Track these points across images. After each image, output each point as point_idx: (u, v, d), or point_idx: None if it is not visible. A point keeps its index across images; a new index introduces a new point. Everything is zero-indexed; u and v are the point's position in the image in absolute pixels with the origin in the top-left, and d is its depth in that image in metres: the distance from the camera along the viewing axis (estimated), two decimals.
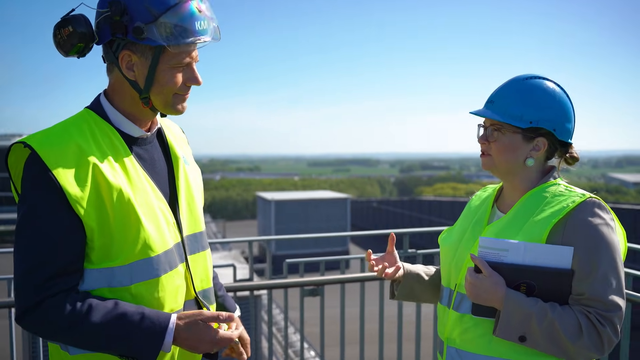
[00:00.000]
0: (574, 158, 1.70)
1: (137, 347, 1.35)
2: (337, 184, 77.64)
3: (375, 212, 28.09)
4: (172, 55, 1.42)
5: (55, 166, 1.33)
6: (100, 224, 1.35)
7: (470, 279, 1.55)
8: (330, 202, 17.75)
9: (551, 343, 1.50)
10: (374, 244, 19.33)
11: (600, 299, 1.49)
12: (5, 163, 1.40)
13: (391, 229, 13.45)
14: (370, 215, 28.31)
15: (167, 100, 1.47)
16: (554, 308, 1.50)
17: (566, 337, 1.47)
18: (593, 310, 1.49)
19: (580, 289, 1.51)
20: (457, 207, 20.12)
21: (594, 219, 1.53)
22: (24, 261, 1.33)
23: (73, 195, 1.32)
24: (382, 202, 28.78)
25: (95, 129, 1.45)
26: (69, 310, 1.31)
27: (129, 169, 1.44)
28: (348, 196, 19.08)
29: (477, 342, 1.63)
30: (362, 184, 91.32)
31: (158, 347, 1.36)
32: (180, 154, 1.64)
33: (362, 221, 27.95)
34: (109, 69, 1.48)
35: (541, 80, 1.66)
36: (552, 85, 1.66)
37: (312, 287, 3.25)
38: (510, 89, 1.66)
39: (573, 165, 1.72)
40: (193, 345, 1.41)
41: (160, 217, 1.46)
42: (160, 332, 1.36)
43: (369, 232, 3.88)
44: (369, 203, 29.70)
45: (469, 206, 1.92)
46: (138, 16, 1.37)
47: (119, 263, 1.37)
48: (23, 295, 1.32)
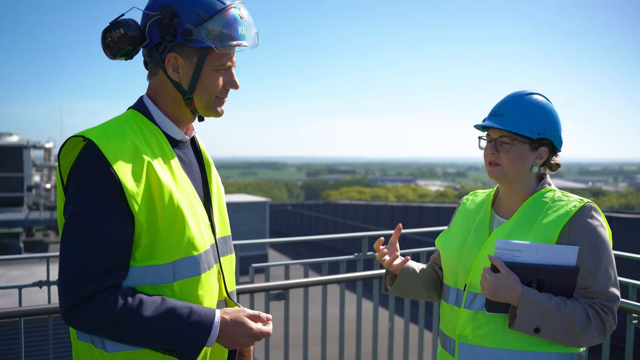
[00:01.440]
0: (557, 164, 1.90)
1: (183, 341, 1.37)
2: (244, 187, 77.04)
3: (290, 215, 28.22)
4: (216, 58, 1.48)
5: (114, 160, 1.34)
6: (149, 222, 1.37)
7: (490, 278, 1.69)
8: (249, 206, 17.55)
9: (564, 333, 1.68)
10: (291, 248, 19.50)
11: (603, 292, 1.69)
12: (58, 155, 1.41)
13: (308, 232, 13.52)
14: (285, 218, 28.39)
15: (209, 102, 1.52)
16: (565, 302, 1.67)
17: (578, 327, 1.65)
18: (597, 302, 1.68)
19: (585, 283, 1.70)
20: (370, 210, 20.67)
21: (593, 221, 1.73)
22: (78, 253, 1.32)
23: (130, 190, 1.34)
24: (297, 206, 28.96)
25: (144, 129, 1.48)
26: (121, 304, 1.31)
27: (175, 170, 1.48)
28: (267, 200, 19.01)
29: (490, 337, 1.78)
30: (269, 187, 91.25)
31: (204, 340, 1.38)
32: (211, 159, 1.70)
33: (278, 225, 28.00)
34: (153, 72, 1.52)
35: (539, 96, 1.85)
36: (546, 100, 1.85)
37: (279, 292, 3.27)
38: (518, 104, 1.82)
39: (555, 170, 1.91)
40: (234, 339, 1.44)
41: (200, 219, 1.51)
42: (208, 326, 1.39)
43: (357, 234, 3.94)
44: (284, 207, 29.79)
45: (464, 210, 2.05)
46: (187, 19, 1.43)
47: (162, 261, 1.39)
48: (74, 287, 1.31)
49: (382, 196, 63.92)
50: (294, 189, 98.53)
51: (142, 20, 1.48)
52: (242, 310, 1.48)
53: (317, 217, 24.88)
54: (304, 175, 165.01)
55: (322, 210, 24.98)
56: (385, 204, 21.94)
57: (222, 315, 1.43)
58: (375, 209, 20.44)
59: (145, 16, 1.47)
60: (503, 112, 1.82)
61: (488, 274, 1.70)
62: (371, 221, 19.99)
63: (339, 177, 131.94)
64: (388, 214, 19.16)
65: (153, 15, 1.44)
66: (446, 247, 2.00)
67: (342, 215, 22.58)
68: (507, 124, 1.79)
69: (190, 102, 1.50)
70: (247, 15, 1.51)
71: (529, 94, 1.85)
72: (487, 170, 1.87)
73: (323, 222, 24.07)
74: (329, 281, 3.38)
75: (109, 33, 1.45)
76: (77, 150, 1.37)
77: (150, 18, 1.45)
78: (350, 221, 21.36)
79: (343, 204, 23.83)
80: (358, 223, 20.56)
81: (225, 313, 1.44)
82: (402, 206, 19.11)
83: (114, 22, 1.46)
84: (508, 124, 1.79)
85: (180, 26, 1.42)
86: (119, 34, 1.43)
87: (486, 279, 1.70)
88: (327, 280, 3.36)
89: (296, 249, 18.71)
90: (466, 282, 1.86)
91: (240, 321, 1.44)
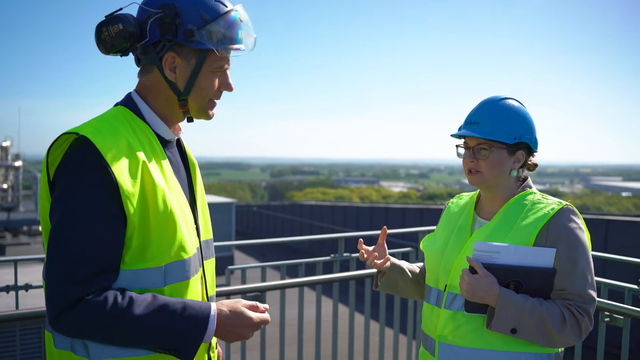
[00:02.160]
0: (535, 164, 1.93)
1: (179, 337, 1.32)
2: (208, 188, 76.18)
3: (255, 216, 28.05)
4: (214, 60, 1.46)
5: (110, 158, 1.30)
6: (142, 223, 1.33)
7: (468, 279, 1.71)
8: (215, 207, 17.26)
9: (539, 334, 1.71)
10: (257, 250, 19.38)
11: (580, 293, 1.72)
12: (47, 152, 1.34)
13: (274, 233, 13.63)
14: (251, 220, 28.21)
15: (203, 105, 1.50)
16: (541, 303, 1.70)
17: (553, 328, 1.69)
18: (573, 303, 1.72)
19: (562, 284, 1.73)
20: (337, 211, 20.72)
21: (571, 224, 1.76)
22: (68, 254, 1.26)
23: (126, 190, 1.30)
24: (263, 207, 28.81)
25: (135, 127, 1.44)
26: (110, 304, 1.26)
27: (166, 171, 1.45)
28: (233, 201, 18.82)
29: (469, 337, 1.80)
30: (233, 188, 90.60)
31: (201, 335, 1.34)
32: (195, 160, 1.67)
33: (244, 226, 27.80)
34: (146, 70, 1.48)
35: (512, 101, 1.88)
36: (519, 104, 1.88)
37: (256, 294, 3.24)
38: (492, 110, 1.85)
39: (533, 170, 1.95)
40: (234, 332, 1.40)
41: (188, 221, 1.48)
42: (204, 320, 1.34)
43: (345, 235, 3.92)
44: (249, 208, 29.59)
45: (448, 213, 2.08)
46: (189, 20, 1.40)
47: (153, 264, 1.35)
48: (63, 291, 1.25)
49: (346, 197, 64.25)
50: (258, 190, 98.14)
51: (139, 16, 1.43)
52: (238, 301, 1.44)
53: (282, 218, 24.82)
54: (268, 176, 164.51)
55: (288, 211, 24.93)
56: (352, 205, 22.06)
57: (219, 307, 1.39)
58: (342, 210, 20.52)
59: (144, 12, 1.42)
60: (478, 119, 1.84)
61: (466, 275, 1.72)
62: (338, 222, 20.07)
63: (303, 178, 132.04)
64: (354, 215, 19.28)
65: (154, 13, 1.40)
66: (429, 249, 2.03)
67: (308, 216, 22.59)
68: (484, 132, 1.81)
69: (184, 104, 1.48)
70: (248, 19, 1.50)
71: (502, 99, 1.87)
72: (467, 178, 1.89)
73: (289, 223, 24.03)
74: (306, 283, 3.36)
75: (105, 28, 1.39)
76: (67, 147, 1.30)
77: (150, 15, 1.41)
78: (317, 222, 21.40)
79: (309, 205, 23.84)
80: (325, 224, 20.61)
81: (222, 305, 1.41)
82: (368, 207, 19.23)
83: (111, 16, 1.40)
84: (484, 132, 1.81)
85: (182, 26, 1.39)
86: (117, 29, 1.38)
87: (464, 280, 1.73)
88: (304, 282, 3.34)
89: (262, 251, 18.62)
90: (446, 283, 1.88)
91: (239, 311, 1.40)
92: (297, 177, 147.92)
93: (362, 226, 18.06)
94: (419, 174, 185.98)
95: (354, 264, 3.67)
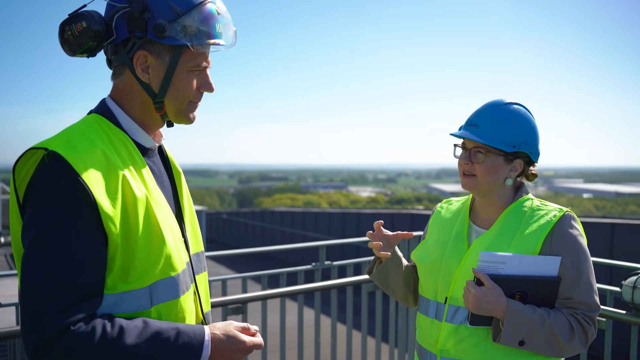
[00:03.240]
0: (534, 174, 1.87)
1: None
2: None
3: (226, 224, 27.73)
4: (190, 58, 1.35)
5: (85, 174, 1.18)
6: (125, 242, 1.22)
7: (475, 291, 1.64)
8: None
9: (548, 345, 1.66)
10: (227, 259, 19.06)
11: (585, 302, 1.69)
12: (13, 170, 1.22)
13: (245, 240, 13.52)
14: (221, 227, 27.87)
15: (181, 107, 1.39)
16: (548, 313, 1.66)
17: (562, 338, 1.65)
18: (580, 312, 1.68)
19: (568, 293, 1.69)
20: (308, 217, 20.64)
21: (573, 231, 1.72)
22: (44, 282, 1.14)
23: (105, 209, 1.18)
24: (233, 214, 28.51)
25: (112, 136, 1.32)
26: (99, 335, 1.14)
27: (148, 182, 1.33)
28: (203, 208, 18.59)
29: (472, 351, 1.73)
30: (201, 195, 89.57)
31: None
32: (180, 168, 1.56)
33: (214, 234, 27.42)
34: (118, 72, 1.37)
35: (518, 107, 1.80)
36: (525, 112, 1.80)
37: (237, 305, 3.17)
38: (494, 115, 1.78)
39: (533, 180, 1.89)
40: (227, 356, 1.32)
41: (175, 235, 1.37)
42: (199, 347, 1.25)
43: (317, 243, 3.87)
44: (219, 215, 29.23)
45: (440, 220, 2.00)
46: (159, 14, 1.29)
47: (137, 285, 1.24)
48: (42, 324, 1.12)
49: (315, 202, 64.20)
50: (226, 197, 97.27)
51: (106, 13, 1.32)
52: (230, 324, 1.35)
53: (253, 225, 24.59)
54: (236, 183, 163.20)
55: (258, 218, 24.70)
56: (323, 210, 21.99)
57: (212, 331, 1.30)
58: (313, 216, 20.44)
59: (110, 8, 1.31)
60: (479, 122, 1.79)
61: (472, 287, 1.66)
62: (309, 228, 19.97)
63: (271, 184, 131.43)
64: (326, 221, 19.22)
65: (120, 8, 1.29)
66: (424, 260, 1.94)
67: (279, 223, 22.42)
68: (482, 136, 1.76)
69: (160, 107, 1.36)
70: (225, 11, 1.39)
71: (507, 104, 1.80)
72: (460, 181, 1.83)
73: (259, 230, 23.83)
74: (288, 293, 3.31)
75: (68, 26, 1.28)
76: (36, 164, 1.19)
77: (117, 11, 1.29)
78: (288, 229, 21.26)
79: (280, 211, 23.68)
80: (296, 230, 20.49)
81: (215, 328, 1.32)
82: (340, 213, 19.21)
83: (74, 13, 1.29)
84: (483, 136, 1.75)
85: (151, 21, 1.28)
86: (80, 27, 1.27)
87: (470, 293, 1.66)
88: (286, 293, 3.30)
89: (232, 259, 18.39)
90: (447, 295, 1.81)
91: (232, 335, 1.32)
92: (265, 183, 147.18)
93: (334, 232, 18.01)
94: (386, 178, 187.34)
95: (335, 273, 3.64)
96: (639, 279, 2.57)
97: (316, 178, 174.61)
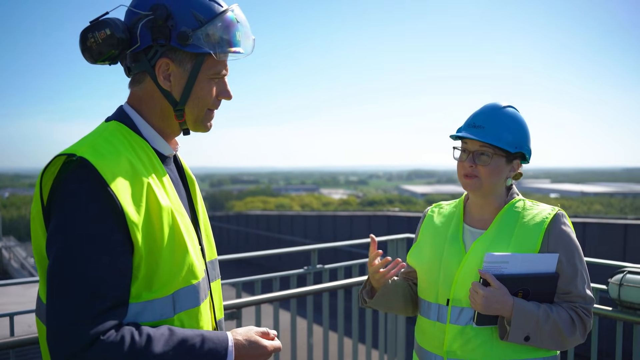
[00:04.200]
0: (520, 174, 1.94)
1: None
2: None
3: None
4: (211, 65, 1.36)
5: (113, 182, 1.18)
6: (149, 251, 1.23)
7: (483, 292, 1.70)
8: None
9: (552, 339, 1.74)
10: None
11: (582, 295, 1.78)
12: (41, 177, 1.22)
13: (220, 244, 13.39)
14: None
15: (200, 115, 1.40)
16: (551, 309, 1.74)
17: (565, 332, 1.73)
18: (578, 305, 1.77)
19: (566, 288, 1.78)
20: (283, 220, 20.59)
21: (566, 228, 1.81)
22: (73, 292, 1.14)
23: (132, 218, 1.19)
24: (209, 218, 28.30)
25: (134, 144, 1.33)
26: (128, 345, 1.15)
27: (169, 190, 1.34)
28: None
29: (479, 351, 1.78)
30: None
31: None
32: (193, 176, 1.56)
33: None
34: (138, 79, 1.37)
35: (514, 109, 1.87)
36: (519, 113, 1.88)
37: (232, 311, 3.18)
38: (498, 116, 1.83)
39: (519, 179, 1.96)
40: None
41: (195, 243, 1.38)
42: (223, 352, 1.27)
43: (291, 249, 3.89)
44: None
45: (432, 223, 2.03)
46: (183, 22, 1.30)
47: (161, 294, 1.25)
48: (72, 335, 1.12)
49: (287, 205, 63.94)
50: None
51: (127, 20, 1.32)
52: (250, 329, 1.37)
53: (228, 229, 24.46)
54: (207, 186, 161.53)
55: (233, 221, 24.58)
56: (299, 213, 22.00)
57: (235, 337, 1.32)
58: (288, 219, 20.42)
59: (132, 15, 1.31)
60: (483, 124, 1.82)
61: (480, 288, 1.71)
62: (285, 231, 19.95)
63: (242, 187, 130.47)
64: (302, 223, 19.23)
65: (143, 16, 1.29)
66: (422, 262, 1.97)
67: (254, 226, 22.35)
68: (489, 136, 1.79)
69: (181, 115, 1.37)
70: (244, 19, 1.40)
71: (506, 107, 1.86)
72: (461, 182, 1.86)
73: (234, 233, 23.71)
74: (281, 297, 3.34)
75: (91, 34, 1.27)
76: (65, 170, 1.19)
77: (139, 18, 1.29)
78: (263, 232, 21.20)
79: (255, 214, 23.61)
80: (271, 233, 20.44)
81: (237, 334, 1.33)
82: (316, 215, 19.24)
83: (97, 21, 1.29)
84: (490, 137, 1.79)
85: (175, 29, 1.29)
86: (104, 35, 1.26)
87: (478, 294, 1.71)
88: (280, 297, 3.33)
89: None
90: (449, 297, 1.84)
91: (254, 340, 1.34)
92: (236, 186, 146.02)
93: (310, 234, 18.06)
94: (358, 180, 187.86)
95: (327, 276, 3.67)
96: (624, 276, 2.68)
97: (288, 181, 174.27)
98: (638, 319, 2.65)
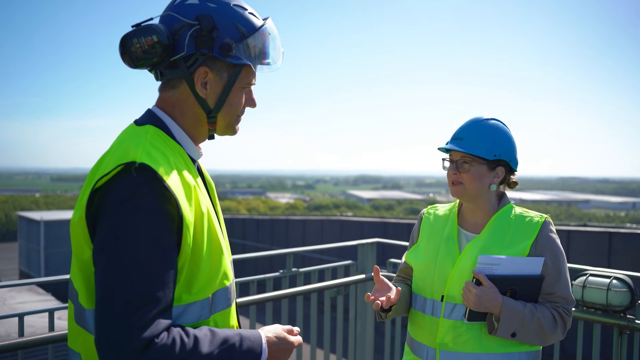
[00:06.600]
0: (514, 182, 2.11)
1: None
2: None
3: None
4: (245, 75, 1.41)
5: (173, 186, 1.21)
6: (193, 254, 1.27)
7: (476, 290, 1.86)
8: None
9: (536, 335, 1.92)
10: None
11: (564, 296, 1.96)
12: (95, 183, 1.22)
13: None
14: None
15: (230, 121, 1.45)
16: (536, 308, 1.92)
17: (547, 329, 1.91)
18: (560, 305, 1.95)
19: (550, 289, 1.96)
20: (235, 224, 20.48)
21: (552, 235, 2.00)
22: (126, 296, 1.14)
23: (188, 220, 1.22)
24: None
25: (173, 149, 1.35)
26: (179, 347, 1.17)
27: (204, 194, 1.38)
28: None
29: (469, 344, 1.96)
30: None
31: None
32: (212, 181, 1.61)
33: None
34: (173, 85, 1.39)
35: (496, 122, 2.07)
36: (502, 126, 2.07)
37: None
38: (476, 128, 2.03)
39: (514, 188, 2.13)
40: (278, 356, 1.39)
41: (227, 245, 1.44)
42: (259, 349, 1.32)
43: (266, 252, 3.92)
44: None
45: (429, 224, 2.20)
46: (227, 33, 1.34)
47: (200, 296, 1.29)
48: (127, 339, 1.12)
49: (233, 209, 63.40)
50: None
51: (169, 25, 1.34)
52: (278, 326, 1.43)
53: None
54: None
55: None
56: (251, 217, 21.86)
57: (266, 334, 1.36)
58: (240, 222, 20.31)
59: (175, 22, 1.33)
60: (463, 136, 2.03)
61: (472, 287, 1.87)
62: (237, 235, 19.83)
63: None
64: (254, 227, 19.14)
65: (190, 25, 1.32)
66: (419, 261, 2.14)
67: None
68: (466, 146, 1.99)
69: (213, 122, 1.41)
70: (277, 33, 1.45)
71: (487, 120, 2.06)
72: (450, 189, 2.05)
73: None
74: (259, 300, 3.38)
75: (137, 39, 1.29)
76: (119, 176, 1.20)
77: (184, 26, 1.32)
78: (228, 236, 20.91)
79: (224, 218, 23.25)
80: (234, 238, 20.23)
81: (267, 331, 1.38)
82: (268, 219, 19.21)
83: (142, 26, 1.30)
84: (467, 147, 1.99)
85: (219, 40, 1.33)
86: (150, 41, 1.28)
87: (471, 292, 1.87)
88: (258, 300, 3.37)
89: None
90: (443, 294, 2.01)
91: (282, 337, 1.39)
92: None
93: (262, 238, 18.01)
94: (305, 185, 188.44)
95: (302, 279, 3.74)
96: (587, 278, 2.88)
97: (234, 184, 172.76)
98: (599, 318, 2.84)
